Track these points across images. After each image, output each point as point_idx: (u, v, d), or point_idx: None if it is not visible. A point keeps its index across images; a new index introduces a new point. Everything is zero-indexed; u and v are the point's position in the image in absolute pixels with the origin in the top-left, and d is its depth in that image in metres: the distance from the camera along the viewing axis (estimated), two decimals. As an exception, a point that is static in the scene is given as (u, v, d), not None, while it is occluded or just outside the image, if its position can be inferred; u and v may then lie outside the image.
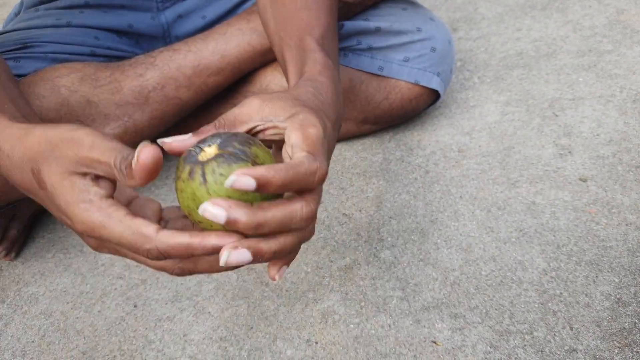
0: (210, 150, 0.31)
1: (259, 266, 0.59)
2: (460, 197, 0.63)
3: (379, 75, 0.68)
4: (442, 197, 0.64)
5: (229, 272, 0.59)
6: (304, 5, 0.49)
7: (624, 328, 0.47)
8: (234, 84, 0.70)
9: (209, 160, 0.30)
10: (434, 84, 0.68)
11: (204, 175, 0.30)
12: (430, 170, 0.68)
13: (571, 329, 0.48)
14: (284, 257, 0.34)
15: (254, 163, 0.30)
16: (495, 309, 0.51)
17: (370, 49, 0.67)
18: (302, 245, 0.61)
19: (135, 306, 0.58)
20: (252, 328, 0.53)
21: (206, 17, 0.74)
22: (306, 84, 0.39)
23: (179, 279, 0.60)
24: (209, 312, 0.55)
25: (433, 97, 0.71)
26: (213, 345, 0.52)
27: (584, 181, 0.62)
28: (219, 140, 0.31)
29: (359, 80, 0.68)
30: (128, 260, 0.63)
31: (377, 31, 0.66)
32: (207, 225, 0.31)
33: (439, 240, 0.58)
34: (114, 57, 0.69)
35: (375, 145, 0.74)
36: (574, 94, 0.76)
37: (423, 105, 0.71)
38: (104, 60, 0.67)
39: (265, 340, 0.52)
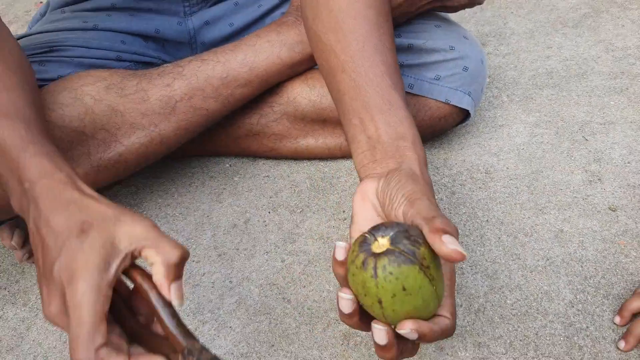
0: (383, 242, 0.35)
1: (281, 281, 0.59)
2: (487, 220, 0.63)
3: (408, 93, 0.67)
4: (467, 220, 0.63)
5: (252, 287, 0.59)
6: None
7: (653, 368, 0.47)
8: (260, 94, 0.69)
9: (381, 255, 0.34)
10: (465, 103, 0.67)
11: (375, 269, 0.34)
12: (457, 192, 0.67)
13: (598, 366, 0.47)
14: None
15: (421, 265, 0.34)
16: (520, 340, 0.50)
17: (401, 66, 0.66)
18: (324, 264, 0.61)
19: (157, 316, 0.58)
20: (273, 346, 0.53)
21: (233, 25, 0.74)
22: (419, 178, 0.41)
23: (201, 291, 0.60)
24: (231, 327, 0.55)
25: (462, 115, 0.70)
26: (234, 361, 0.52)
27: (613, 210, 0.61)
28: (391, 233, 0.35)
29: None
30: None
31: (409, 48, 0.66)
32: (371, 310, 0.36)
33: (464, 265, 0.58)
34: (140, 63, 0.69)
35: (400, 162, 0.73)
36: (605, 118, 0.74)
37: (452, 124, 0.71)
38: (130, 66, 0.68)
39: (286, 359, 0.52)
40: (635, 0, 1.00)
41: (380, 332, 0.35)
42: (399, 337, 0.36)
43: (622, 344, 0.48)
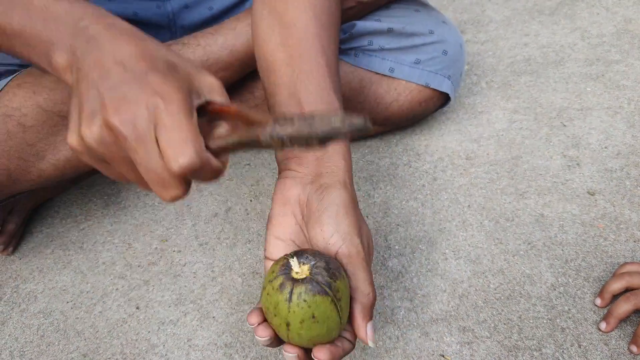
0: (304, 269, 0.36)
1: (264, 270, 0.59)
2: (469, 206, 0.63)
3: (389, 77, 0.66)
4: (450, 206, 0.63)
5: (234, 276, 0.58)
6: (317, 32, 0.47)
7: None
8: (240, 79, 0.68)
9: (299, 281, 0.35)
10: (445, 87, 0.67)
11: (291, 294, 0.35)
12: (438, 177, 0.67)
13: (579, 346, 0.48)
14: None
15: (334, 297, 0.35)
16: (504, 324, 0.51)
17: (381, 49, 0.66)
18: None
19: (137, 308, 0.57)
20: (258, 335, 0.52)
21: (213, 9, 0.72)
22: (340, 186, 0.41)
23: (183, 281, 0.58)
24: (214, 317, 0.55)
25: (442, 100, 0.70)
26: (218, 351, 0.51)
27: (592, 195, 0.62)
28: (312, 262, 0.36)
29: (369, 81, 0.67)
30: (129, 260, 0.62)
31: (389, 32, 0.65)
32: (277, 329, 0.37)
33: (447, 251, 0.58)
34: (119, 47, 0.67)
35: (382, 149, 0.73)
36: (582, 104, 0.76)
37: (432, 108, 0.71)
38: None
39: (272, 348, 0.51)
40: (609, -11, 1.02)
41: (291, 358, 0.38)
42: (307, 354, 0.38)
43: (603, 325, 0.49)
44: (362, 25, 0.65)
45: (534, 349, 0.48)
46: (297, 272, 0.36)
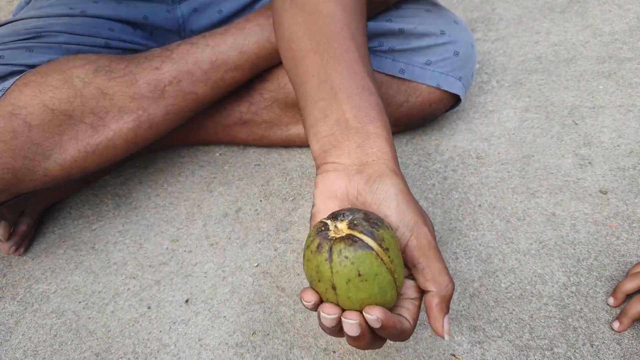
0: (342, 226, 0.33)
1: (274, 269, 0.59)
2: (479, 205, 0.63)
3: (400, 78, 0.66)
4: (460, 205, 0.63)
5: (245, 276, 0.59)
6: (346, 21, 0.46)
7: (646, 347, 0.47)
8: (250, 81, 0.68)
9: (337, 239, 0.32)
10: (456, 88, 0.67)
11: (330, 252, 0.32)
12: (449, 177, 0.67)
13: (592, 346, 0.48)
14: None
15: (380, 247, 0.32)
16: (515, 323, 0.51)
17: (392, 50, 0.66)
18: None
19: (149, 308, 0.57)
20: (268, 334, 0.53)
21: (222, 12, 0.72)
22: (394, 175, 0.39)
23: (194, 281, 0.59)
24: (225, 317, 0.55)
25: (453, 101, 0.70)
26: (229, 351, 0.52)
27: (604, 193, 0.62)
28: (350, 217, 0.33)
29: (380, 82, 0.67)
30: (141, 260, 0.62)
31: (400, 33, 0.65)
32: (324, 296, 0.34)
33: (458, 250, 0.58)
34: (129, 50, 0.67)
35: (391, 148, 0.73)
36: (594, 102, 0.75)
37: (443, 109, 0.70)
38: (118, 53, 0.66)
39: (282, 347, 0.51)
40: (621, -14, 1.01)
41: (352, 326, 0.33)
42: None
43: (616, 325, 0.48)
44: (374, 25, 0.65)
45: (545, 349, 0.48)
46: (334, 231, 0.33)
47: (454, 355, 0.49)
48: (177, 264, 0.61)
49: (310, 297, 0.34)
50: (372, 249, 0.32)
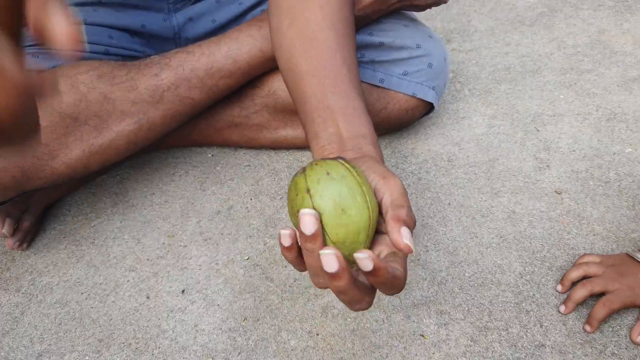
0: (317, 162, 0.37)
1: (264, 262, 0.65)
2: (449, 204, 0.69)
3: (379, 87, 0.73)
4: (432, 204, 0.70)
5: (236, 268, 0.64)
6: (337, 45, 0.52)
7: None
8: (242, 87, 0.74)
9: (310, 164, 0.37)
10: (430, 97, 0.73)
11: (304, 170, 0.36)
12: (422, 178, 0.74)
13: (541, 326, 0.55)
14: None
15: (347, 164, 0.36)
16: (476, 307, 0.57)
17: (372, 62, 0.72)
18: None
19: (147, 297, 0.62)
20: (258, 320, 0.58)
21: (216, 21, 0.77)
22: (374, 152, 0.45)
23: (189, 273, 0.64)
24: (218, 305, 0.61)
25: (427, 108, 0.76)
26: (223, 335, 0.57)
27: (559, 194, 0.69)
28: (326, 159, 0.37)
29: None
30: (139, 254, 0.68)
31: (380, 46, 0.71)
32: (301, 206, 0.35)
33: (428, 244, 0.64)
34: (127, 57, 0.72)
35: (371, 151, 0.79)
36: (555, 111, 0.82)
37: (418, 115, 0.77)
38: (117, 59, 0.71)
39: (271, 331, 0.57)
40: (586, 0, 1.08)
41: (329, 257, 0.32)
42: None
43: (562, 308, 0.55)
44: (357, 38, 0.71)
45: (501, 329, 0.55)
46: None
47: (423, 336, 0.55)
48: (173, 258, 0.67)
49: (287, 232, 0.35)
50: (340, 161, 0.36)
